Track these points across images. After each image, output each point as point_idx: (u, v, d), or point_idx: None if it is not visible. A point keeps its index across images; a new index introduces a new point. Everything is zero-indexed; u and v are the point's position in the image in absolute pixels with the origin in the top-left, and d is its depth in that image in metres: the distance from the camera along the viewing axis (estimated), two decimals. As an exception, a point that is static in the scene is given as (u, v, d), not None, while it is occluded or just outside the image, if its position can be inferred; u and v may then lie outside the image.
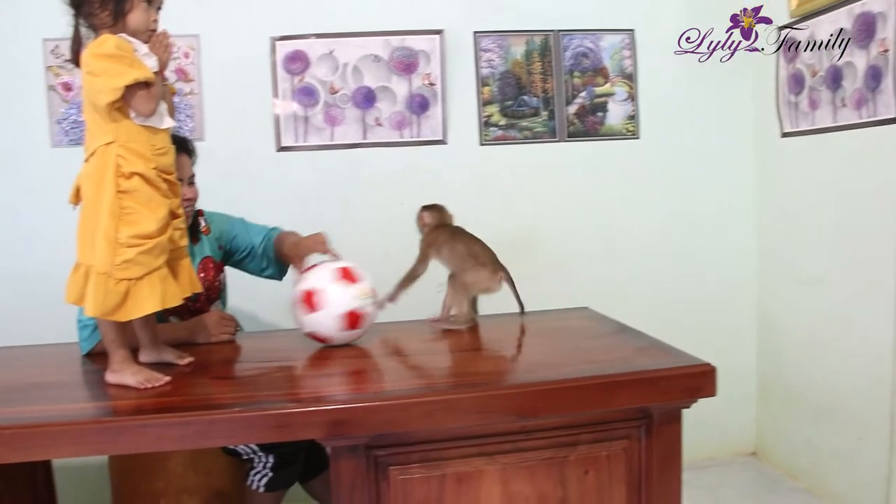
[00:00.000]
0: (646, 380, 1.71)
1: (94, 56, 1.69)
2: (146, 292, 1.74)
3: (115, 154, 1.71)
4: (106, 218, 1.70)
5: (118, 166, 1.71)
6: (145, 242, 1.73)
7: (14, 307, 3.11)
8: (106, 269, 1.71)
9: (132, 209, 1.72)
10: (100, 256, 1.71)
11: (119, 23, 1.73)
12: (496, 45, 3.29)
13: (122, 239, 1.71)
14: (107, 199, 1.70)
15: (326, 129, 3.22)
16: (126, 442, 1.56)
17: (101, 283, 1.71)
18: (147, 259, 1.73)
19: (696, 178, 3.46)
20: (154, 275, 1.75)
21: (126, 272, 1.71)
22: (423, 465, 1.69)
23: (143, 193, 1.73)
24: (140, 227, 1.72)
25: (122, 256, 1.71)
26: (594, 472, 1.76)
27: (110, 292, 1.71)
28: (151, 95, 1.73)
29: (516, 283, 2.35)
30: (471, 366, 1.88)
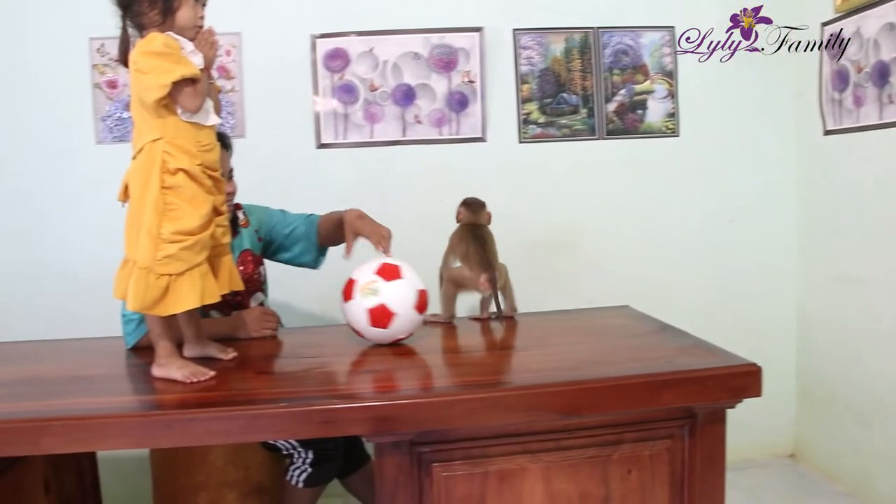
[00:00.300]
0: (691, 379, 1.70)
1: (142, 54, 1.71)
2: (186, 288, 1.75)
3: (162, 150, 1.73)
4: (150, 213, 1.72)
5: (164, 162, 1.73)
6: (187, 239, 1.74)
7: (62, 301, 3.17)
8: (147, 264, 1.73)
9: (176, 205, 1.74)
10: (142, 251, 1.73)
11: (167, 20, 1.75)
12: (535, 42, 3.28)
13: (165, 235, 1.73)
14: (151, 195, 1.72)
15: (366, 126, 3.23)
16: (173, 435, 1.57)
17: (143, 277, 1.73)
18: (188, 255, 1.75)
19: (737, 176, 3.43)
20: (195, 271, 1.77)
21: (167, 267, 1.73)
22: (466, 462, 1.69)
23: (187, 190, 1.75)
24: (182, 224, 1.74)
25: (164, 252, 1.72)
26: (637, 472, 1.75)
27: (151, 287, 1.73)
28: (197, 92, 1.74)
29: (555, 281, 2.33)
30: (514, 363, 1.88)
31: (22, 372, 1.99)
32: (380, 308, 1.97)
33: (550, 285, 3.33)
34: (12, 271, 3.19)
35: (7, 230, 3.18)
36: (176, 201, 1.74)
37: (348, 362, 1.95)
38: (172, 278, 1.74)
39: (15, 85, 3.14)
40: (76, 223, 3.19)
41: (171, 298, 1.75)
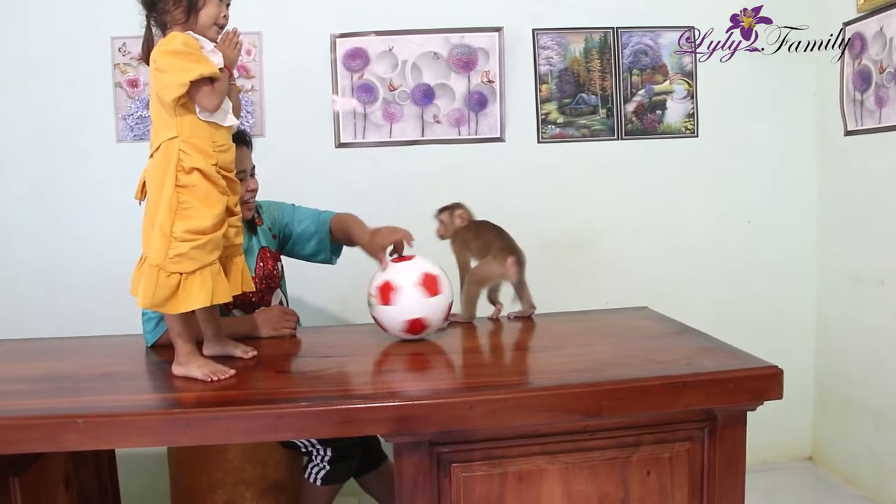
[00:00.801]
0: (712, 381, 1.69)
1: (161, 53, 1.72)
2: (196, 287, 1.76)
3: (178, 149, 1.74)
4: (163, 211, 1.73)
5: (179, 160, 1.74)
6: (199, 238, 1.75)
7: (81, 299, 3.19)
8: (158, 262, 1.73)
9: (189, 204, 1.75)
10: (154, 249, 1.74)
11: (191, 19, 1.76)
12: (555, 42, 3.28)
13: (177, 233, 1.74)
14: (166, 193, 1.73)
15: (385, 125, 3.24)
16: (195, 433, 1.58)
17: (153, 275, 1.74)
18: (200, 254, 1.75)
19: (756, 177, 3.42)
20: (206, 270, 1.77)
21: (178, 266, 1.74)
22: (485, 462, 1.69)
23: (200, 189, 1.76)
24: (195, 223, 1.75)
25: (175, 250, 1.73)
26: (656, 474, 1.75)
27: (161, 285, 1.74)
28: (216, 91, 1.75)
29: (573, 281, 2.33)
30: (533, 364, 1.88)
31: (43, 369, 2.01)
32: (419, 320, 2.02)
33: (568, 286, 3.33)
34: (32, 269, 3.21)
35: (28, 228, 3.21)
36: (189, 200, 1.75)
37: (367, 362, 1.95)
38: (183, 276, 1.75)
39: (37, 83, 3.17)
40: (96, 221, 3.21)
41: (181, 296, 1.75)
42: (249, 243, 2.39)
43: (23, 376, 1.93)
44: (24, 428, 1.56)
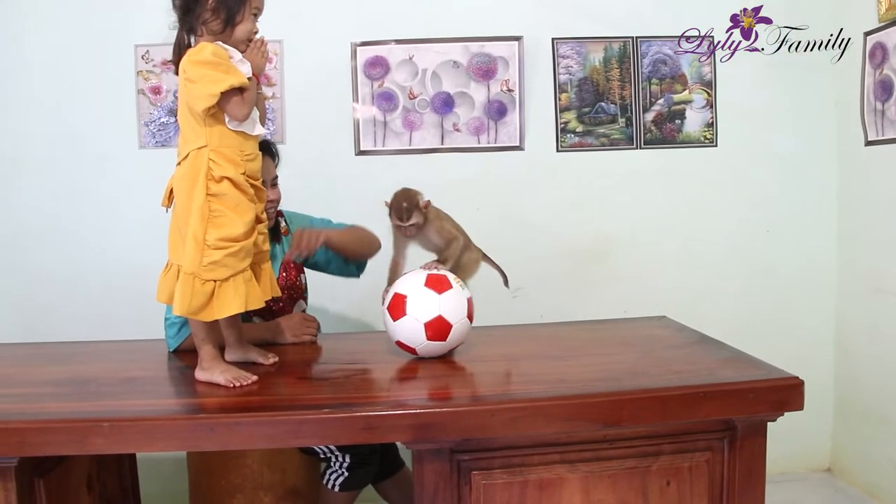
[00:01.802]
0: (732, 392, 1.70)
1: (191, 63, 1.75)
2: (231, 294, 1.78)
3: (207, 158, 1.76)
4: (195, 220, 1.75)
5: (209, 170, 1.76)
6: (232, 245, 1.77)
7: (104, 303, 3.22)
8: (193, 270, 1.76)
9: (220, 212, 1.77)
10: (188, 257, 1.76)
11: (227, 31, 1.78)
12: (574, 51, 3.29)
13: (210, 241, 1.76)
14: (197, 202, 1.75)
15: (405, 133, 3.26)
16: (218, 438, 1.60)
17: (189, 283, 1.76)
18: (233, 261, 1.78)
19: (775, 187, 3.41)
20: (239, 277, 1.80)
21: (212, 273, 1.76)
22: (505, 470, 1.70)
23: (231, 197, 1.78)
24: (227, 230, 1.77)
25: (209, 258, 1.76)
26: (676, 484, 1.75)
27: (196, 293, 1.76)
28: (245, 101, 1.77)
29: (590, 290, 2.31)
30: (553, 373, 1.88)
31: (68, 372, 2.04)
32: (438, 320, 1.94)
33: (585, 294, 3.33)
34: (54, 273, 3.25)
35: (50, 232, 3.24)
36: (220, 208, 1.77)
37: (388, 369, 1.96)
38: (217, 284, 1.77)
39: (62, 90, 3.21)
40: (118, 226, 3.25)
41: (215, 304, 1.78)
42: (273, 251, 2.41)
43: (48, 379, 1.96)
44: (52, 431, 1.59)
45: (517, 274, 3.28)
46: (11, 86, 3.20)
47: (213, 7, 1.76)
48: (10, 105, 3.21)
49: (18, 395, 1.82)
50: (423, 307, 1.93)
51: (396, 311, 1.96)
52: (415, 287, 1.97)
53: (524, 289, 3.31)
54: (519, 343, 2.20)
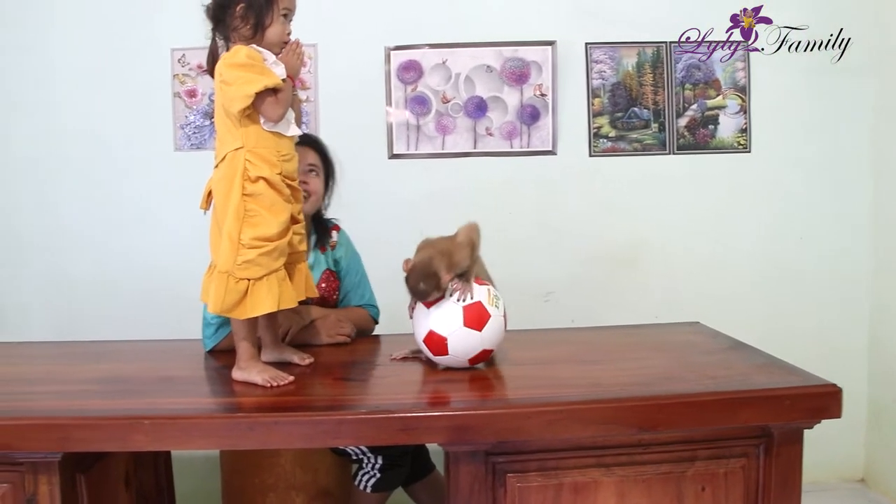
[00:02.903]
0: (769, 398, 1.69)
1: (227, 66, 1.78)
2: (264, 293, 1.80)
3: (244, 158, 1.79)
4: (231, 219, 1.78)
5: (245, 170, 1.79)
6: (266, 245, 1.79)
7: (139, 304, 3.26)
8: (227, 268, 1.78)
9: (255, 212, 1.79)
10: (223, 256, 1.79)
11: (258, 35, 1.81)
12: (608, 56, 3.29)
13: (244, 240, 1.78)
14: (233, 202, 1.78)
15: (438, 137, 3.27)
16: (257, 437, 1.61)
17: (223, 281, 1.78)
18: (267, 261, 1.80)
19: (809, 193, 3.38)
20: (273, 276, 1.82)
21: (246, 272, 1.78)
22: (540, 473, 1.70)
23: (266, 197, 1.80)
24: (262, 230, 1.79)
25: (243, 257, 1.78)
26: (711, 489, 1.75)
27: (230, 291, 1.78)
28: (280, 101, 1.80)
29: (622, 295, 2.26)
30: (589, 377, 1.88)
31: (108, 371, 2.06)
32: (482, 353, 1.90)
33: (616, 300, 3.33)
34: (91, 275, 3.29)
35: (87, 235, 3.29)
36: (256, 208, 1.79)
37: (424, 371, 1.96)
38: (251, 283, 1.79)
39: (99, 93, 3.26)
40: (154, 228, 3.29)
41: (249, 302, 1.80)
42: (317, 258, 2.43)
43: (89, 377, 1.99)
44: (95, 427, 1.61)
45: (548, 278, 3.32)
46: (49, 90, 3.25)
47: (242, 14, 1.79)
48: (48, 109, 3.26)
49: (60, 392, 1.85)
50: (465, 347, 1.87)
51: (437, 349, 1.89)
52: (454, 327, 1.86)
53: (555, 293, 3.32)
54: (552, 347, 2.20)
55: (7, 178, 3.27)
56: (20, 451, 1.62)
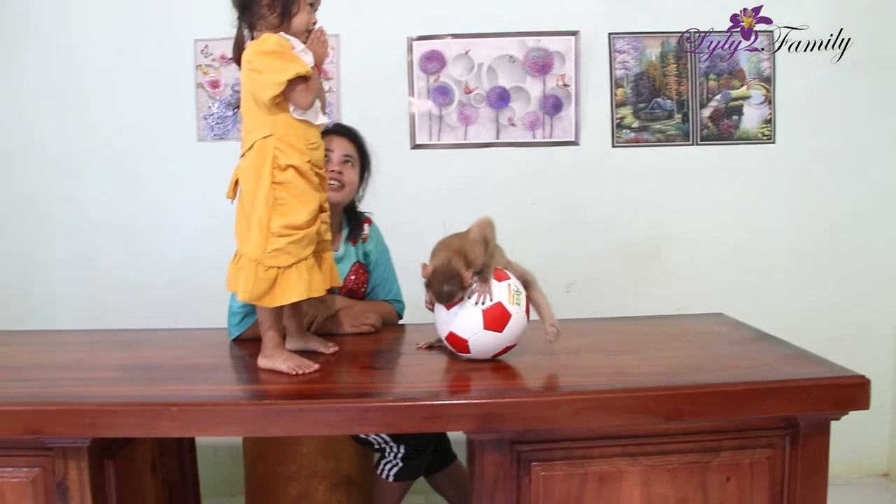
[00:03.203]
0: (796, 388, 1.68)
1: (256, 53, 1.77)
2: (293, 281, 1.81)
3: (273, 146, 1.79)
4: (260, 207, 1.78)
5: (275, 158, 1.79)
6: (295, 233, 1.80)
7: (164, 293, 3.30)
8: (257, 257, 1.78)
9: (285, 200, 1.80)
10: (252, 244, 1.79)
11: (284, 24, 1.81)
12: (631, 46, 3.27)
13: (274, 228, 1.78)
14: (263, 190, 1.78)
15: (460, 127, 3.27)
16: (284, 424, 1.62)
17: (252, 269, 1.79)
18: (296, 249, 1.80)
19: (834, 185, 3.35)
20: (302, 264, 1.82)
21: (275, 260, 1.79)
22: (565, 462, 1.70)
23: (296, 185, 1.81)
24: (291, 218, 1.80)
25: (273, 245, 1.78)
26: (736, 480, 1.74)
27: (260, 279, 1.79)
28: (309, 89, 1.80)
29: (645, 286, 2.25)
30: (614, 366, 1.87)
31: (135, 358, 2.08)
32: (503, 350, 1.90)
33: (639, 291, 3.32)
34: (115, 264, 3.33)
35: (111, 225, 3.32)
36: (285, 196, 1.80)
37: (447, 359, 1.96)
38: (280, 271, 1.80)
39: (123, 84, 3.28)
40: (177, 218, 3.31)
41: (278, 290, 1.81)
42: (347, 250, 2.44)
43: (116, 364, 2.00)
44: (123, 413, 1.63)
45: (570, 269, 3.31)
46: (73, 81, 3.28)
47: (269, 2, 1.79)
48: (72, 101, 3.29)
49: (88, 379, 1.87)
50: (487, 347, 1.87)
51: (459, 348, 1.89)
52: (475, 331, 1.84)
53: (577, 284, 3.31)
54: (576, 337, 2.19)
55: (33, 168, 3.31)
56: (50, 437, 1.63)
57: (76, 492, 1.67)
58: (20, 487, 1.70)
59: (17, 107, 3.28)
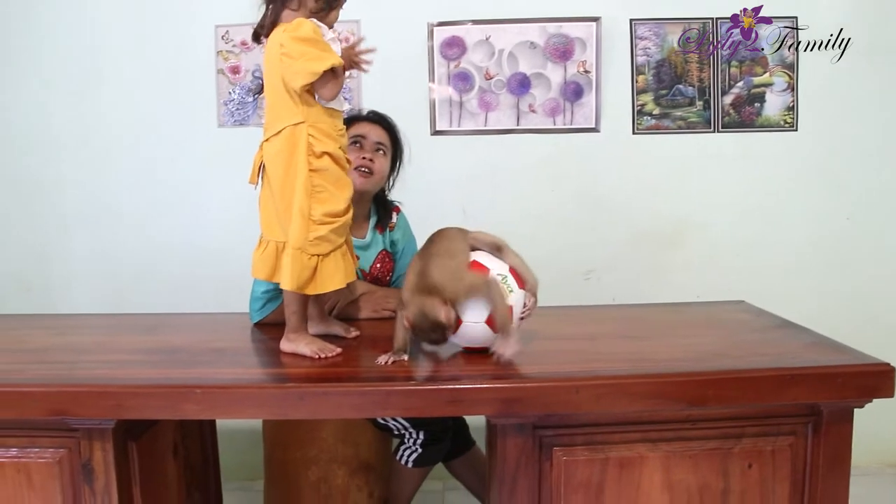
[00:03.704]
0: (819, 375, 1.67)
1: (291, 39, 1.74)
2: (332, 268, 1.82)
3: (306, 134, 1.78)
4: (301, 195, 1.78)
5: (309, 145, 1.78)
6: (336, 220, 1.81)
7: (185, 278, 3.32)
8: (300, 245, 1.78)
9: (322, 187, 1.80)
10: (294, 232, 1.79)
11: (323, 13, 1.80)
12: (653, 32, 3.25)
13: (315, 216, 1.79)
14: (301, 178, 1.78)
15: (480, 114, 3.26)
16: (307, 407, 1.63)
17: (297, 258, 1.79)
18: (335, 237, 1.82)
19: (857, 173, 3.32)
20: (338, 252, 1.84)
21: (317, 248, 1.80)
22: (586, 447, 1.70)
23: (332, 173, 1.81)
24: (331, 206, 1.81)
25: (315, 233, 1.79)
26: (758, 467, 1.74)
27: (304, 267, 1.79)
28: (338, 81, 1.79)
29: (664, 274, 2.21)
30: (636, 352, 1.87)
31: (157, 342, 2.10)
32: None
33: (658, 279, 3.31)
34: (138, 250, 3.35)
35: (132, 211, 3.34)
36: (322, 183, 1.80)
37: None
38: (320, 258, 1.81)
39: (143, 70, 3.29)
40: (197, 203, 3.33)
41: (320, 278, 1.82)
42: (374, 238, 2.45)
43: (140, 348, 2.02)
44: (148, 396, 1.64)
45: (590, 256, 3.31)
46: (93, 68, 3.29)
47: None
48: (92, 86, 3.30)
49: (113, 362, 1.88)
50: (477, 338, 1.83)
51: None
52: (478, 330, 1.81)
53: (596, 271, 3.31)
54: (596, 323, 2.19)
55: (53, 154, 3.33)
56: (75, 418, 1.65)
57: (101, 472, 1.69)
58: (47, 468, 1.72)
59: (37, 94, 3.30)
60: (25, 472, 1.73)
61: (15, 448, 1.73)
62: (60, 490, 1.73)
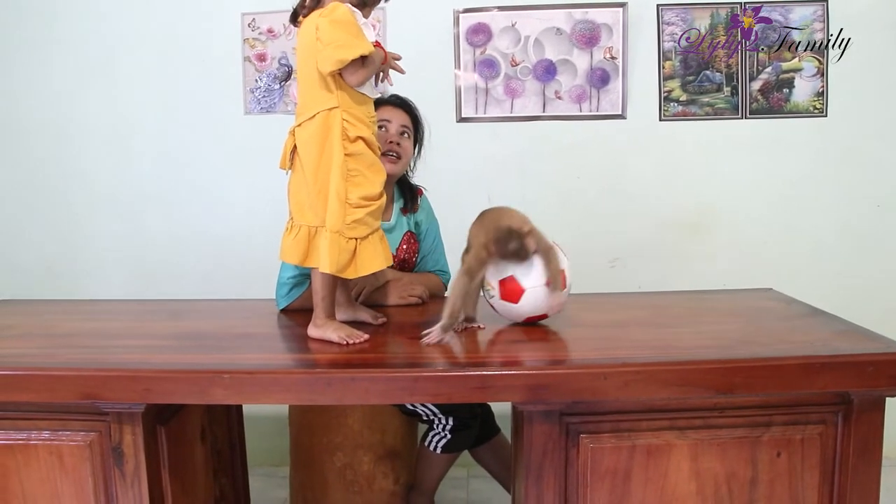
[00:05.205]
0: (849, 363, 1.65)
1: (327, 23, 1.75)
2: (370, 251, 1.84)
3: (340, 118, 1.79)
4: (337, 179, 1.78)
5: (344, 130, 1.79)
6: (371, 204, 1.83)
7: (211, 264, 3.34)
8: (338, 228, 1.79)
9: (357, 171, 1.81)
10: (332, 216, 1.80)
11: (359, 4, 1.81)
12: (679, 18, 3.22)
13: (352, 199, 1.80)
14: (336, 162, 1.78)
15: (506, 101, 3.25)
16: (335, 392, 1.63)
17: (336, 241, 1.80)
18: (371, 220, 1.84)
19: (887, 160, 3.27)
20: (375, 235, 1.86)
21: (355, 231, 1.81)
22: (613, 434, 1.70)
23: (366, 157, 1.82)
24: (366, 189, 1.82)
25: (352, 216, 1.80)
26: (786, 455, 1.72)
27: (343, 250, 1.80)
28: (367, 68, 1.80)
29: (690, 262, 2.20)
30: (664, 339, 1.86)
31: (186, 327, 2.12)
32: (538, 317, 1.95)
33: (684, 267, 3.29)
34: (165, 236, 3.37)
35: (159, 197, 3.37)
36: (357, 167, 1.81)
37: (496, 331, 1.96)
38: (358, 242, 1.82)
39: (170, 58, 3.31)
40: (224, 190, 3.34)
41: (359, 261, 1.83)
42: (399, 220, 2.45)
43: (168, 333, 2.04)
44: (177, 380, 1.65)
45: (615, 243, 3.29)
46: (122, 56, 3.32)
47: None
48: (121, 74, 3.33)
49: (142, 347, 1.89)
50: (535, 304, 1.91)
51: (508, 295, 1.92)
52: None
53: (621, 259, 3.29)
54: (623, 311, 2.18)
55: (82, 142, 3.36)
56: (106, 402, 1.67)
57: (131, 456, 1.71)
58: (78, 450, 1.74)
59: (66, 81, 3.33)
60: (57, 454, 1.75)
61: (47, 431, 1.75)
62: (91, 472, 1.75)
